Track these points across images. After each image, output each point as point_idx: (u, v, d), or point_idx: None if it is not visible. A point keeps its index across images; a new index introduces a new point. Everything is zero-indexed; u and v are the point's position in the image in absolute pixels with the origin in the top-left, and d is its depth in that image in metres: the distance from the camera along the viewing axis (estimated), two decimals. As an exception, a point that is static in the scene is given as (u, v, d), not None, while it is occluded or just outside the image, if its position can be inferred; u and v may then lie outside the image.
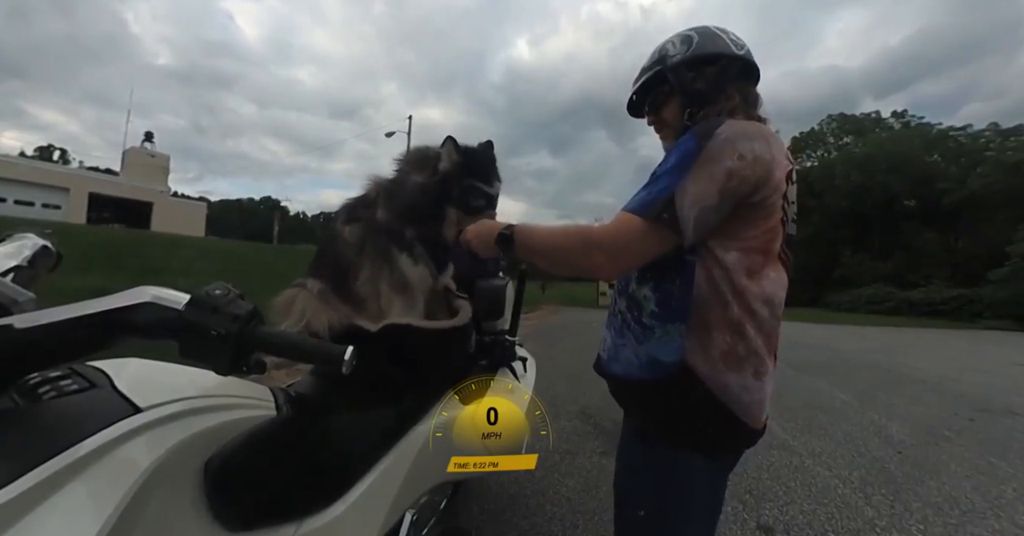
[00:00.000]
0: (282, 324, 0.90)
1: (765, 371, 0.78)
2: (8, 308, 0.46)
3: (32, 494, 0.38)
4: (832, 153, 40.29)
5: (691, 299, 0.77)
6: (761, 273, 0.77)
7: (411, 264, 1.01)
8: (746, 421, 0.78)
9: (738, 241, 0.76)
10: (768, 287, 0.77)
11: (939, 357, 7.82)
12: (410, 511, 0.91)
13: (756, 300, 0.76)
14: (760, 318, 0.77)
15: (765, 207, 0.75)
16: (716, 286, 0.76)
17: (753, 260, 0.76)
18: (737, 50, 0.88)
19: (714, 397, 0.77)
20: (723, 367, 0.76)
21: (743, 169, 0.72)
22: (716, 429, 0.79)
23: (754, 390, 0.78)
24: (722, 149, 0.72)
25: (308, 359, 0.51)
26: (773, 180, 0.75)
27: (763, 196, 0.74)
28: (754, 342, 0.77)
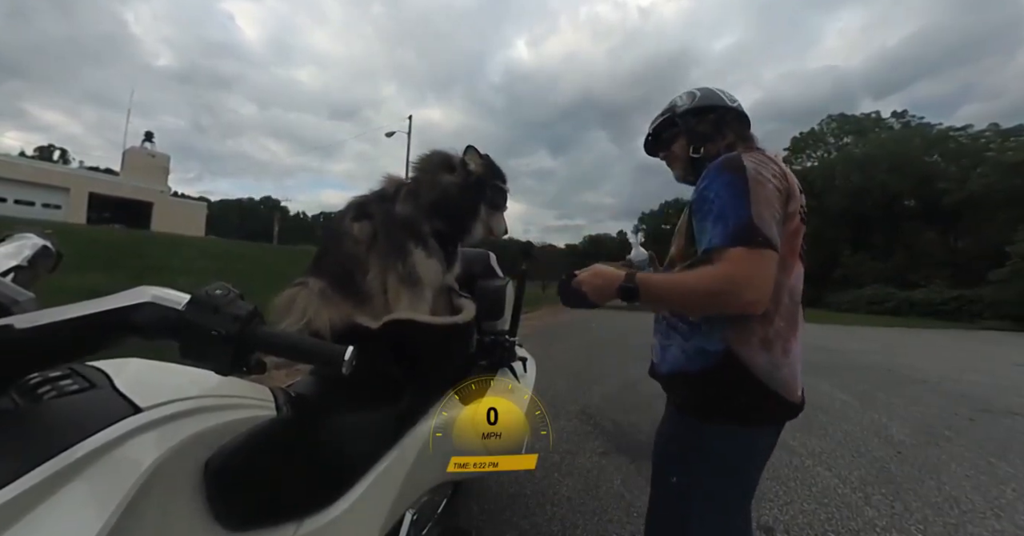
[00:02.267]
0: (283, 323, 0.90)
1: (790, 349, 0.92)
2: (8, 308, 0.46)
3: (32, 494, 0.38)
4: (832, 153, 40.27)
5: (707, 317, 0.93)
6: (790, 267, 0.91)
7: (424, 257, 1.04)
8: (783, 394, 0.92)
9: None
10: (794, 279, 0.93)
11: (939, 357, 7.83)
12: (410, 511, 0.91)
13: (783, 291, 0.91)
14: (783, 305, 0.92)
15: (791, 213, 0.91)
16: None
17: (784, 258, 0.87)
18: (730, 103, 1.10)
19: (752, 375, 0.90)
20: (759, 349, 0.90)
21: (779, 183, 0.88)
22: (756, 402, 0.92)
23: (783, 365, 0.92)
24: (760, 174, 0.87)
25: (308, 359, 0.51)
26: (793, 189, 0.91)
27: (789, 204, 0.90)
28: (778, 326, 0.91)
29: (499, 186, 1.16)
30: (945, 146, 31.98)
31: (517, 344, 1.37)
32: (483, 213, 1.13)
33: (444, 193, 1.07)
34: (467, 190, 1.10)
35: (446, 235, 1.09)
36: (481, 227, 1.15)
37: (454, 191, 1.08)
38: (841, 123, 41.31)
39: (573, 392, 3.94)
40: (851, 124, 40.69)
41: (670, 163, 1.19)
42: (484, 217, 1.14)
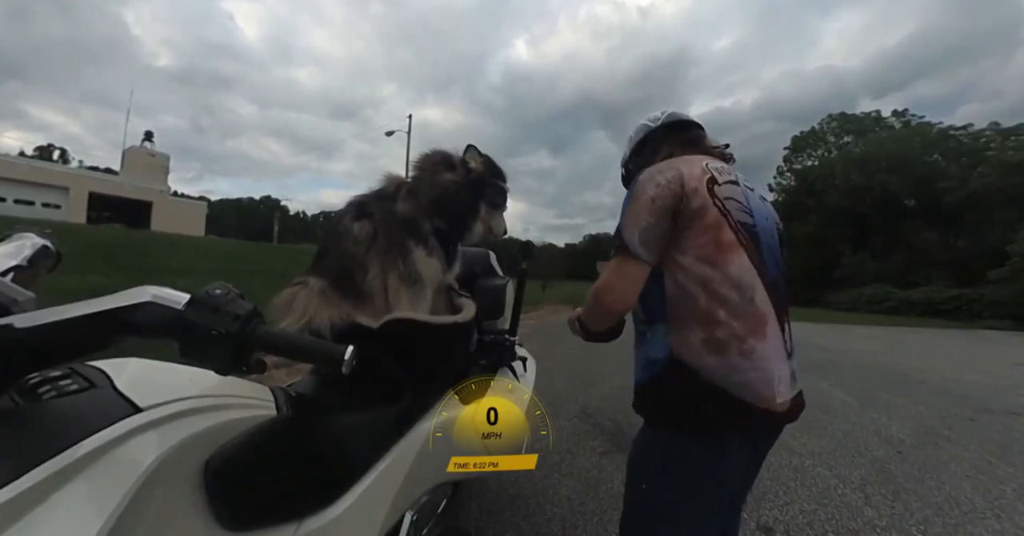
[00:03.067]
0: (283, 322, 0.90)
1: (752, 349, 0.85)
2: (8, 308, 0.46)
3: (32, 494, 0.38)
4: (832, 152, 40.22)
5: (665, 300, 0.91)
6: (722, 261, 0.87)
7: (425, 256, 1.04)
8: (750, 401, 0.84)
9: (689, 244, 0.89)
10: (734, 272, 0.87)
11: (939, 357, 7.82)
12: (410, 511, 0.91)
13: (723, 286, 0.87)
14: (732, 302, 0.86)
15: (697, 211, 0.89)
16: (682, 284, 0.89)
17: (708, 253, 0.88)
18: (653, 124, 1.17)
19: (703, 380, 0.85)
20: (706, 352, 0.85)
21: (661, 191, 0.91)
22: (712, 410, 0.86)
23: (745, 369, 0.84)
24: (642, 186, 0.94)
25: (308, 359, 0.51)
26: (693, 191, 0.90)
27: (689, 204, 0.90)
28: (730, 325, 0.85)
29: (499, 185, 1.17)
30: (945, 145, 31.93)
31: (517, 343, 1.37)
32: (483, 212, 1.13)
33: (444, 191, 1.07)
34: (467, 188, 1.10)
35: (446, 234, 1.09)
36: (481, 226, 1.14)
37: (454, 189, 1.08)
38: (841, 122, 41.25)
39: (573, 392, 3.94)
40: (851, 123, 40.64)
41: None
42: (484, 216, 1.14)
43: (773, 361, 0.87)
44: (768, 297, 0.90)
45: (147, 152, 30.30)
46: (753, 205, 0.97)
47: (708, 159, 1.00)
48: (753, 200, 0.98)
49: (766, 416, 0.86)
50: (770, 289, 0.91)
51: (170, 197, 31.13)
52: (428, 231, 1.05)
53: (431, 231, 1.06)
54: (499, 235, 1.20)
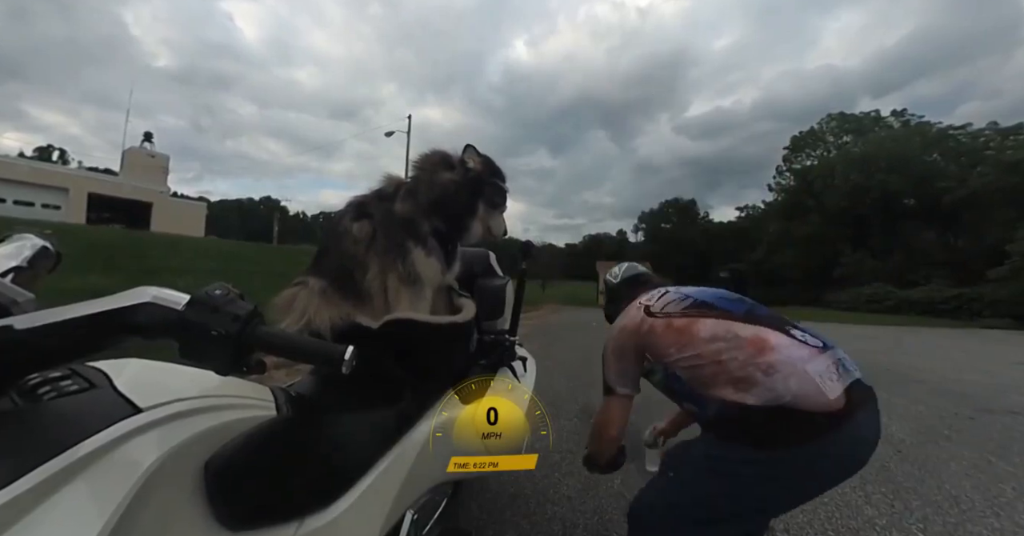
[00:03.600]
0: (283, 322, 0.90)
1: (771, 364, 0.96)
2: (8, 308, 0.46)
3: (32, 495, 0.38)
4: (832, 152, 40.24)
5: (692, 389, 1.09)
6: (693, 337, 1.08)
7: (424, 256, 1.03)
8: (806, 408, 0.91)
9: (668, 350, 1.12)
10: (705, 334, 1.07)
11: (939, 356, 7.83)
12: (411, 511, 0.91)
13: (708, 346, 1.05)
14: (724, 348, 1.03)
15: (650, 333, 1.17)
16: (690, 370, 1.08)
17: (682, 341, 1.10)
18: (614, 280, 1.55)
19: (755, 408, 0.95)
20: (744, 393, 0.96)
21: (617, 342, 1.25)
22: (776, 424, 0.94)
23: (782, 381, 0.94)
24: (607, 343, 1.29)
25: (308, 359, 0.51)
26: (634, 329, 1.21)
27: (643, 336, 1.18)
28: (738, 360, 1.00)
29: (498, 184, 1.16)
30: (945, 145, 31.93)
31: (517, 343, 1.37)
32: (481, 211, 1.13)
33: (443, 191, 1.07)
34: (465, 187, 1.09)
35: (445, 234, 1.09)
36: (480, 226, 1.14)
37: (452, 189, 1.08)
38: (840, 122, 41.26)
39: (573, 392, 3.94)
40: (851, 123, 40.64)
41: None
42: (483, 215, 1.13)
43: (800, 362, 0.96)
44: (750, 324, 1.06)
45: (147, 153, 30.27)
46: (687, 292, 1.23)
47: (644, 295, 1.30)
48: (686, 290, 1.25)
49: (821, 418, 0.91)
50: (747, 318, 1.08)
51: (170, 198, 31.10)
52: (427, 231, 1.05)
53: (430, 231, 1.05)
54: (499, 235, 1.19)
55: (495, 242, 1.26)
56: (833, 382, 0.93)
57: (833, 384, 0.92)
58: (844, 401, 0.92)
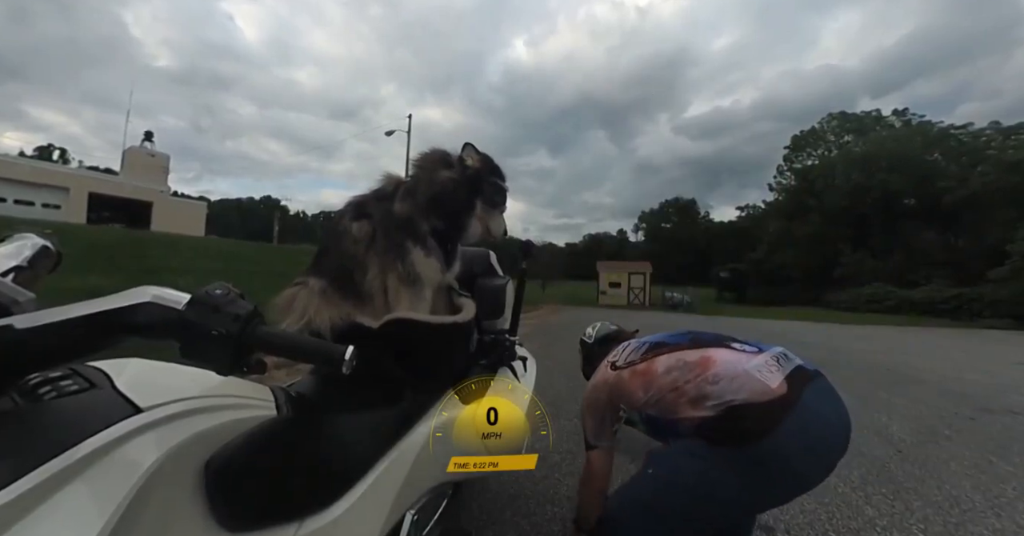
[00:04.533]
0: (283, 322, 0.90)
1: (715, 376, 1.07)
2: (8, 308, 0.46)
3: (33, 495, 0.38)
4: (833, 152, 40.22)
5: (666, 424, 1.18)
6: (654, 376, 1.18)
7: (423, 256, 1.03)
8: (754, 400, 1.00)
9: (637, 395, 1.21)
10: (662, 368, 1.18)
11: (939, 356, 7.82)
12: (411, 511, 0.91)
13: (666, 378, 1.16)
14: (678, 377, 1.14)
15: (620, 387, 1.25)
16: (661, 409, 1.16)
17: (646, 384, 1.19)
18: (588, 341, 1.73)
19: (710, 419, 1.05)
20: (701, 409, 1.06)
21: (590, 402, 1.35)
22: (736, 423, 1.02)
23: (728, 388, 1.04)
24: (584, 404, 1.38)
25: (308, 359, 0.51)
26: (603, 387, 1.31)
27: (608, 392, 1.28)
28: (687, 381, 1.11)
29: (497, 183, 1.15)
30: (946, 144, 31.90)
31: (517, 343, 1.37)
32: (479, 209, 1.12)
33: (441, 189, 1.06)
34: (463, 185, 1.08)
35: (444, 233, 1.08)
36: (478, 224, 1.13)
37: (450, 186, 1.07)
38: (841, 121, 41.23)
39: (573, 392, 3.94)
40: (851, 122, 40.61)
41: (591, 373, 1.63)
42: (481, 214, 1.13)
43: (739, 364, 1.08)
44: (696, 349, 1.18)
45: (147, 152, 30.24)
46: (645, 339, 1.36)
47: (614, 351, 1.39)
48: (645, 338, 1.37)
49: (765, 407, 0.99)
50: (692, 345, 1.21)
51: (170, 197, 31.09)
52: (426, 231, 1.05)
53: (429, 231, 1.05)
54: (498, 235, 1.18)
55: (495, 242, 1.26)
56: (772, 373, 1.04)
57: (772, 375, 1.04)
58: (787, 386, 1.02)
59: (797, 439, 0.97)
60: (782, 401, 0.98)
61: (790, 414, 0.97)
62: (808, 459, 1.00)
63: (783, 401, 0.98)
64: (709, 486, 1.02)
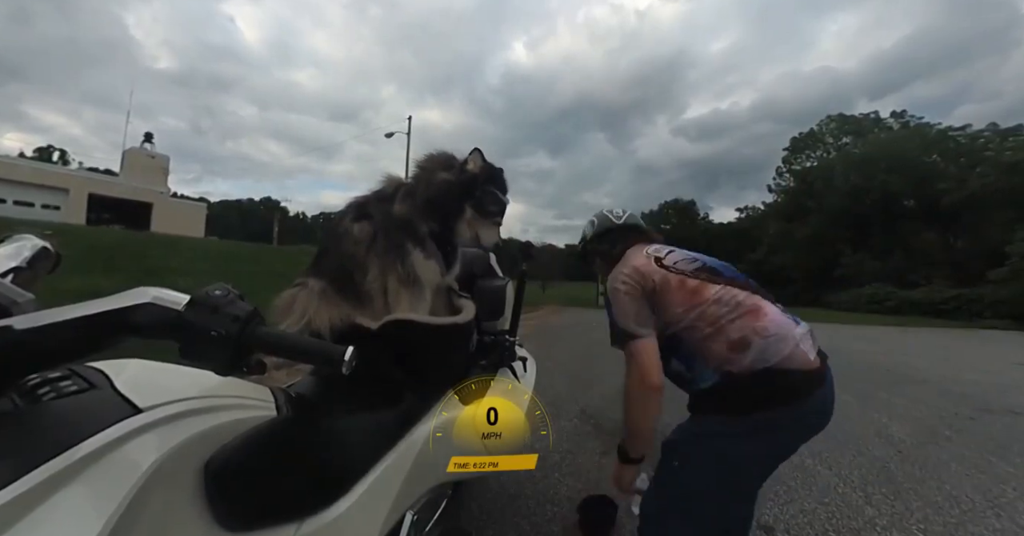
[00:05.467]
0: (283, 323, 0.90)
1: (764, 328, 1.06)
2: (8, 309, 0.46)
3: (32, 495, 0.38)
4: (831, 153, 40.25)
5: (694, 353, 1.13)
6: (701, 299, 1.12)
7: (423, 258, 1.03)
8: (790, 367, 1.03)
9: (674, 308, 1.14)
10: (712, 297, 1.12)
11: (939, 357, 7.82)
12: (411, 511, 0.90)
13: (712, 309, 1.10)
14: (725, 313, 1.09)
15: (661, 284, 1.16)
16: (692, 333, 1.11)
17: (690, 301, 1.12)
18: (616, 221, 1.44)
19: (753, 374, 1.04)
20: (738, 354, 1.05)
21: (628, 286, 1.18)
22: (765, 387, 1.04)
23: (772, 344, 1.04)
24: (614, 288, 1.20)
25: (308, 359, 0.51)
26: (648, 277, 1.17)
27: (653, 284, 1.16)
28: (736, 323, 1.07)
29: (493, 193, 1.13)
30: (944, 146, 31.91)
31: (517, 344, 1.37)
32: (469, 215, 1.10)
33: (436, 190, 1.06)
34: (455, 188, 1.08)
35: (441, 235, 1.08)
36: (467, 230, 1.12)
37: (444, 188, 1.07)
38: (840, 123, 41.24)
39: (573, 392, 3.94)
40: (850, 124, 40.62)
41: (597, 271, 1.51)
42: (470, 219, 1.11)
43: (786, 327, 1.07)
44: (746, 292, 1.14)
45: (147, 153, 30.23)
46: (694, 255, 1.25)
47: (647, 246, 1.29)
48: (692, 253, 1.27)
49: (806, 376, 1.04)
50: (742, 287, 1.15)
51: (170, 198, 31.07)
52: (425, 233, 1.05)
53: (427, 233, 1.05)
54: (488, 245, 1.17)
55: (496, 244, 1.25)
56: (809, 347, 1.08)
57: (810, 349, 1.08)
58: (819, 362, 1.08)
59: (818, 407, 1.08)
60: (817, 374, 1.06)
61: (820, 387, 1.06)
62: (815, 427, 1.11)
63: (818, 374, 1.06)
64: (737, 460, 1.06)
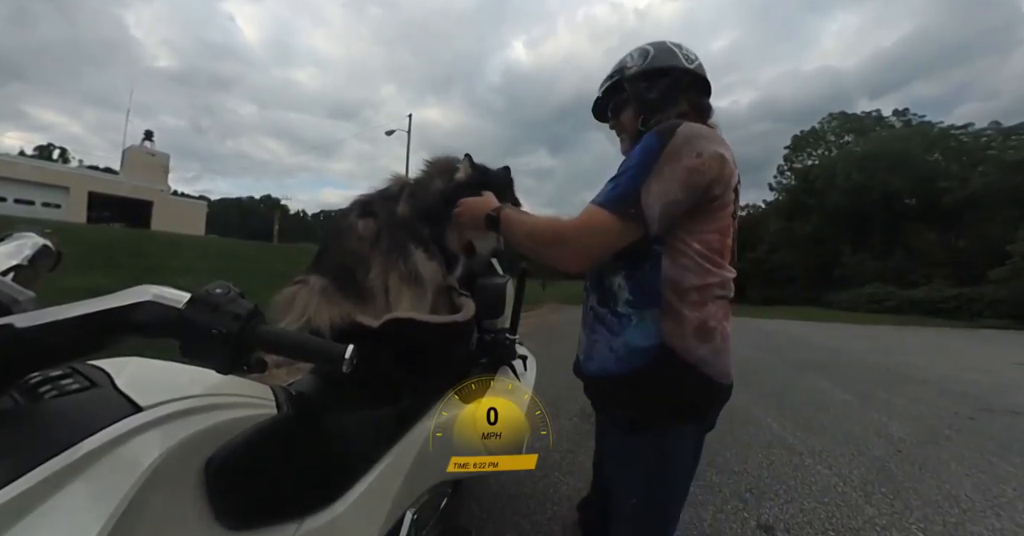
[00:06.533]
0: (283, 321, 0.90)
1: (727, 335, 0.89)
2: (8, 307, 0.46)
3: (33, 493, 0.38)
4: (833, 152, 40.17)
5: (661, 284, 0.85)
6: (720, 261, 0.87)
7: (425, 259, 1.03)
8: (721, 381, 0.88)
9: (698, 233, 0.84)
10: (728, 275, 0.89)
11: (939, 356, 7.82)
12: (411, 510, 0.91)
13: (716, 279, 0.87)
14: (718, 294, 0.88)
15: (721, 202, 0.84)
16: (684, 271, 0.84)
17: (712, 249, 0.85)
18: (688, 64, 0.97)
19: (694, 369, 0.85)
20: (697, 342, 0.85)
21: (701, 165, 0.79)
22: (698, 395, 0.88)
23: (723, 353, 0.88)
24: (682, 147, 0.79)
25: (308, 358, 0.51)
26: (725, 177, 0.82)
27: (719, 192, 0.82)
28: (716, 315, 0.86)
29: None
30: (946, 145, 31.84)
31: (517, 342, 1.37)
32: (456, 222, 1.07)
33: (429, 200, 1.07)
34: (445, 197, 1.06)
35: (442, 241, 1.09)
36: (456, 239, 1.10)
37: (435, 198, 1.07)
38: (842, 122, 41.14)
39: (573, 391, 3.94)
40: (852, 123, 40.52)
41: (619, 132, 1.07)
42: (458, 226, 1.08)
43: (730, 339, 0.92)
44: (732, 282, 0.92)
45: (147, 152, 30.26)
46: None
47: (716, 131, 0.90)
48: None
49: (725, 389, 0.92)
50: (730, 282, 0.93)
51: (170, 196, 31.10)
52: (427, 235, 1.06)
53: (430, 236, 1.06)
54: (484, 254, 1.15)
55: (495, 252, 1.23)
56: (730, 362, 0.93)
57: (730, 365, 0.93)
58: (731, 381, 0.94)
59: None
60: (730, 389, 0.94)
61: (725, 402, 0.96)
62: None
63: (730, 389, 0.94)
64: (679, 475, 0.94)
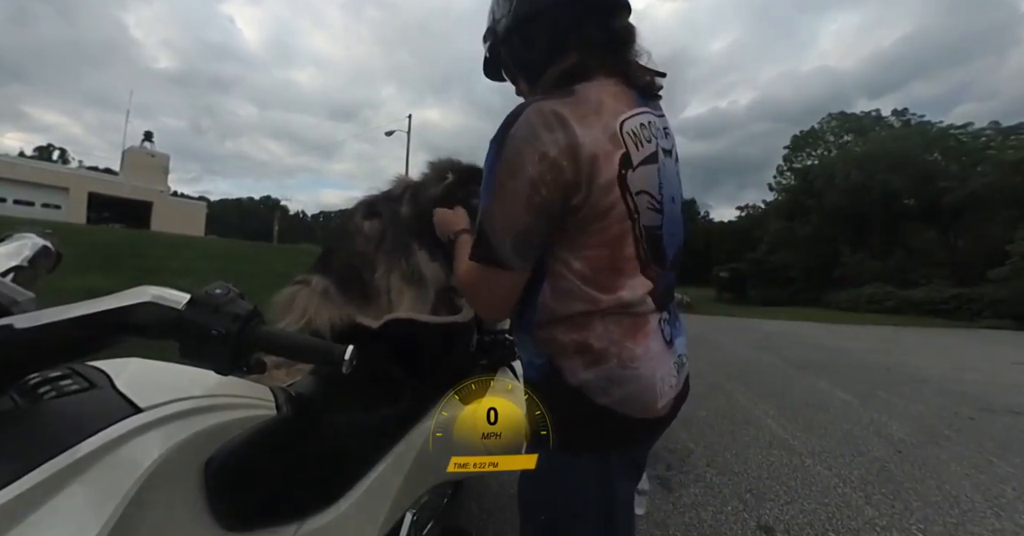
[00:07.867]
0: (283, 322, 0.90)
1: (632, 356, 0.67)
2: (8, 308, 0.46)
3: (33, 495, 0.38)
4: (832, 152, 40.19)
5: (537, 313, 0.71)
6: (614, 286, 0.67)
7: (428, 259, 1.04)
8: (627, 413, 0.69)
9: (579, 250, 0.66)
10: (626, 296, 0.67)
11: (939, 356, 7.82)
12: (410, 511, 0.91)
13: (608, 304, 0.67)
14: (613, 314, 0.68)
15: (593, 211, 0.63)
16: (562, 300, 0.68)
17: (597, 269, 0.66)
18: None
19: (582, 394, 0.69)
20: (580, 365, 0.68)
21: (548, 173, 0.60)
22: (589, 427, 0.71)
23: (627, 380, 0.68)
24: (522, 152, 0.60)
25: (308, 359, 0.51)
26: (585, 176, 0.61)
27: (579, 200, 0.62)
28: (608, 331, 0.67)
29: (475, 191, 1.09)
30: (945, 144, 31.86)
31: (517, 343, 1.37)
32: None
33: (424, 207, 1.05)
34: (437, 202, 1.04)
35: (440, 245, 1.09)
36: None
37: (430, 203, 1.05)
38: (841, 121, 41.15)
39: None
40: (851, 122, 40.53)
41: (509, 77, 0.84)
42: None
43: (656, 361, 0.70)
44: (655, 297, 0.70)
45: (147, 152, 30.26)
46: (665, 192, 0.70)
47: (626, 110, 0.67)
48: (666, 177, 0.71)
49: (644, 423, 0.71)
50: (657, 285, 0.70)
51: (170, 197, 31.11)
52: (429, 236, 1.05)
53: (431, 236, 1.06)
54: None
55: None
56: (669, 388, 0.72)
57: (668, 391, 0.72)
58: (670, 407, 0.73)
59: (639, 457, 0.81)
60: (659, 423, 0.74)
61: (656, 435, 0.79)
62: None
63: (660, 423, 0.74)
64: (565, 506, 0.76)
